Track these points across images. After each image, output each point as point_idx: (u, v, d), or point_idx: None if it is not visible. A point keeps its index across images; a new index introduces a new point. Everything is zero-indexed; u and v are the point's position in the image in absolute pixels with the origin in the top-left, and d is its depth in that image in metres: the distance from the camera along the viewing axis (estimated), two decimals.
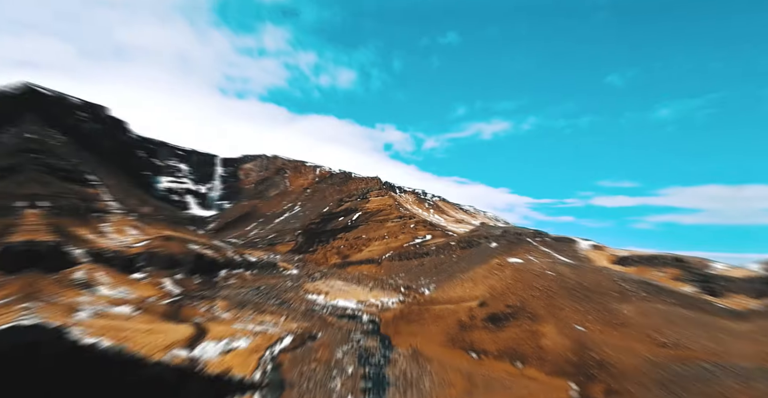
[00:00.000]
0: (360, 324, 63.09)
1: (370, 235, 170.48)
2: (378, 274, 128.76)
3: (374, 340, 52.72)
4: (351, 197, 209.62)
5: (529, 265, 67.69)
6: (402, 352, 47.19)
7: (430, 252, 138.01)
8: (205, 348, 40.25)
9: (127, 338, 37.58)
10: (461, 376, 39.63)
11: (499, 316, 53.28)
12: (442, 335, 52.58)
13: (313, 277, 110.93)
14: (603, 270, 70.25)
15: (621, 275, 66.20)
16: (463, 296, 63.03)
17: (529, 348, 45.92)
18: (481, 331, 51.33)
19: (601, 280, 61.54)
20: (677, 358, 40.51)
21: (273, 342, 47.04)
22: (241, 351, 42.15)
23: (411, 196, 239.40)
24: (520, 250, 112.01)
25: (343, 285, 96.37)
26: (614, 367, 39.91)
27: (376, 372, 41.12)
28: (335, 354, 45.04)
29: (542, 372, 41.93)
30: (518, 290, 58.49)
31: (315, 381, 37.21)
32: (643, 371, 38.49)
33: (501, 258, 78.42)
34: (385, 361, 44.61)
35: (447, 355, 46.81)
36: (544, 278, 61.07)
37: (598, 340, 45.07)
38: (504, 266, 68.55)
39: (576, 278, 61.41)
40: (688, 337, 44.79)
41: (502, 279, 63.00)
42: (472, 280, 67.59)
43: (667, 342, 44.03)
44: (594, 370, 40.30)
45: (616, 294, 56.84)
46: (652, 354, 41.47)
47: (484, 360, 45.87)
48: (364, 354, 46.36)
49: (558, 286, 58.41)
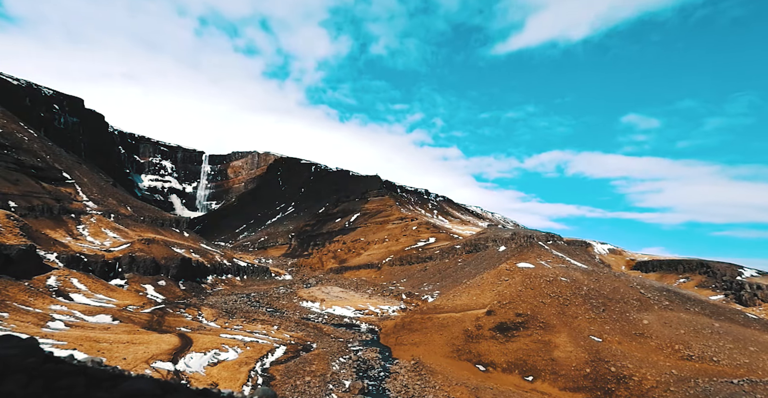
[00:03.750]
0: (358, 334, 63.05)
1: (369, 238, 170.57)
2: (378, 280, 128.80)
3: (374, 351, 52.65)
4: (349, 197, 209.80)
5: (540, 270, 67.67)
6: (403, 364, 47.10)
7: (434, 256, 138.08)
8: (190, 361, 40.14)
9: (105, 350, 37.46)
10: (467, 391, 39.53)
11: (509, 325, 53.22)
12: (447, 345, 52.50)
13: (307, 283, 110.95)
14: (621, 276, 70.17)
15: (641, 282, 66.11)
16: (469, 303, 62.98)
17: (541, 361, 45.81)
18: (488, 342, 51.24)
19: (619, 287, 61.46)
20: (703, 372, 40.39)
21: (264, 354, 46.94)
22: (230, 364, 42.04)
23: (413, 196, 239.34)
24: (531, 254, 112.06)
25: (340, 292, 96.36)
26: (634, 382, 39.79)
27: (375, 386, 41.03)
28: (331, 367, 44.95)
29: (555, 387, 41.81)
30: (529, 298, 58.42)
31: (309, 396, 37.11)
32: (667, 386, 38.37)
33: (510, 263, 78.40)
34: (386, 374, 44.53)
35: (452, 367, 46.71)
36: (556, 285, 61.01)
37: (616, 352, 44.96)
38: (513, 272, 68.54)
39: (592, 285, 61.36)
40: (715, 350, 44.67)
41: (511, 286, 62.96)
42: (479, 286, 67.56)
43: (692, 355, 43.91)
44: (612, 385, 40.18)
45: (636, 302, 56.74)
46: (676, 368, 41.35)
47: (492, 373, 45.76)
48: (362, 366, 46.28)
49: (572, 293, 58.35)
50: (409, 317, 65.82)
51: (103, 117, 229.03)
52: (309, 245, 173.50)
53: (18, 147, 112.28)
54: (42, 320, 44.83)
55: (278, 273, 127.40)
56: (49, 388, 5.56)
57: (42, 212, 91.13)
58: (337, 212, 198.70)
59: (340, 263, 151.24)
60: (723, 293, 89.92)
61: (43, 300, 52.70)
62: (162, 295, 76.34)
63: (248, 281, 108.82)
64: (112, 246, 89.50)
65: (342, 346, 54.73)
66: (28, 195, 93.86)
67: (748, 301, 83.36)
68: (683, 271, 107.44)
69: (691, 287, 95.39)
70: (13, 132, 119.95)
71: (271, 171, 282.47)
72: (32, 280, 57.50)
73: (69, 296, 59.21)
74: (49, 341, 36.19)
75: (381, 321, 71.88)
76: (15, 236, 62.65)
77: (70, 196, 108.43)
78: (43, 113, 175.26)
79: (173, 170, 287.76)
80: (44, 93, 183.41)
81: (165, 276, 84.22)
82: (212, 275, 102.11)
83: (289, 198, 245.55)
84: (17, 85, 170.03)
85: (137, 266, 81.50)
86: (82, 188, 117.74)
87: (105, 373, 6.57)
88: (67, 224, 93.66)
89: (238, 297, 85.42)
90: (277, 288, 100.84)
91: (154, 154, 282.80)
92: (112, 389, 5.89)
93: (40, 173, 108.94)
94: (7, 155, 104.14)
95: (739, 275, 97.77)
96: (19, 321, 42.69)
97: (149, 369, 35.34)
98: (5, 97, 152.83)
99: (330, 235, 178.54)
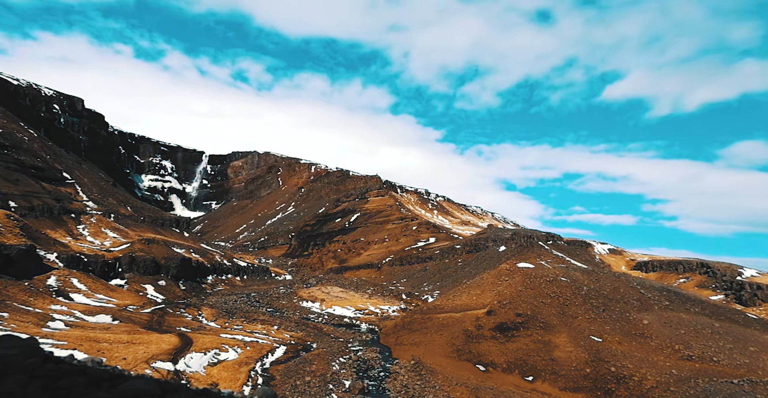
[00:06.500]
0: (358, 334, 63.07)
1: (369, 238, 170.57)
2: (378, 280, 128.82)
3: (374, 351, 52.66)
4: (349, 197, 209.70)
5: (540, 270, 67.66)
6: (403, 364, 47.11)
7: (434, 256, 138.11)
8: (190, 361, 40.15)
9: (105, 350, 37.47)
10: (467, 391, 39.54)
11: (509, 326, 53.23)
12: (447, 346, 52.51)
13: (307, 283, 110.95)
14: (621, 276, 70.17)
15: (641, 282, 66.13)
16: (469, 303, 62.99)
17: (541, 361, 45.82)
18: (488, 342, 51.26)
19: (619, 287, 61.47)
20: (704, 372, 40.40)
21: (264, 354, 46.95)
22: (230, 364, 42.06)
23: (413, 196, 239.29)
24: (531, 254, 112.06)
25: (340, 292, 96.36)
26: (634, 382, 39.80)
27: (375, 386, 41.04)
28: (331, 367, 44.95)
29: (555, 387, 41.82)
30: (529, 298, 58.43)
31: (309, 396, 37.11)
32: (667, 386, 38.38)
33: (510, 263, 78.38)
34: (386, 374, 44.53)
35: (452, 367, 46.72)
36: (557, 285, 61.02)
37: (616, 352, 44.97)
38: (513, 272, 68.54)
39: (592, 285, 61.37)
40: (715, 350, 44.67)
41: (511, 286, 62.96)
42: (479, 286, 67.57)
43: (692, 355, 43.92)
44: (612, 385, 40.19)
45: (636, 302, 56.75)
46: (676, 368, 41.36)
47: (492, 373, 45.77)
48: (362, 366, 46.29)
49: (572, 293, 58.36)
50: (409, 317, 65.83)
51: (103, 117, 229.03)
52: (309, 245, 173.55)
53: (18, 147, 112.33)
54: (42, 320, 44.85)
55: (278, 273, 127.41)
56: (49, 388, 5.56)
57: (42, 212, 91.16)
58: (337, 212, 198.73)
59: (340, 263, 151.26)
60: (723, 294, 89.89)
61: (43, 300, 52.72)
62: (162, 295, 76.36)
63: (248, 281, 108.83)
64: (112, 246, 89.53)
65: (342, 346, 54.73)
66: (28, 195, 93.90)
67: (748, 301, 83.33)
68: (683, 271, 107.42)
69: (691, 287, 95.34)
70: (13, 132, 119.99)
71: (271, 171, 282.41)
72: (32, 280, 57.53)
73: (69, 296, 59.23)
74: (49, 341, 36.20)
75: (381, 321, 71.88)
76: (15, 236, 62.67)
77: (70, 196, 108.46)
78: (43, 113, 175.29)
79: (173, 170, 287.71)
80: (44, 93, 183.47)
81: (165, 276, 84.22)
82: (212, 275, 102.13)
83: (289, 198, 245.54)
84: (17, 85, 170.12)
85: (137, 266, 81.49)
86: (82, 188, 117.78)
87: (105, 373, 6.58)
88: (67, 224, 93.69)
89: (238, 297, 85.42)
90: (277, 288, 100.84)
91: (154, 154, 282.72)
92: (112, 389, 5.89)
93: (40, 173, 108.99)
94: (7, 155, 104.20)
95: (739, 275, 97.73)
96: (19, 321, 42.70)
97: (149, 369, 35.34)
98: (5, 97, 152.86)
99: (330, 235, 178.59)
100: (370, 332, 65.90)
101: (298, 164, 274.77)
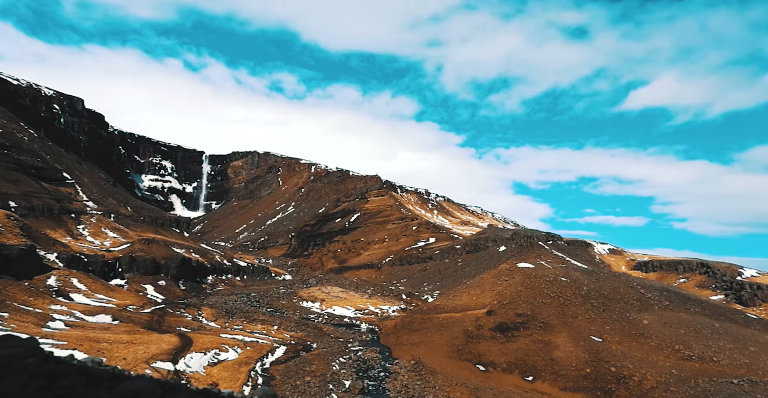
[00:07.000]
0: (358, 334, 63.04)
1: (369, 238, 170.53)
2: (378, 280, 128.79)
3: (374, 351, 52.63)
4: (349, 197, 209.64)
5: (540, 270, 67.62)
6: (403, 364, 47.08)
7: (434, 256, 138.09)
8: (190, 361, 40.15)
9: (105, 350, 37.46)
10: (467, 391, 39.52)
11: (509, 326, 53.22)
12: (447, 346, 52.48)
13: (307, 283, 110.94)
14: (621, 276, 70.16)
15: (641, 282, 66.12)
16: (469, 303, 62.98)
17: (541, 361, 45.80)
18: (488, 342, 51.24)
19: (619, 287, 61.45)
20: (703, 372, 40.39)
21: (264, 354, 46.94)
22: (230, 364, 42.05)
23: (413, 196, 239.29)
24: (531, 254, 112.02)
25: (340, 292, 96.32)
26: (634, 382, 39.79)
27: (375, 386, 41.03)
28: (331, 367, 44.93)
29: (555, 387, 41.81)
30: (529, 298, 58.42)
31: (309, 396, 37.10)
32: (667, 386, 38.37)
33: (510, 263, 78.36)
34: (386, 374, 44.52)
35: (452, 368, 46.70)
36: (557, 285, 61.00)
37: (616, 352, 44.96)
38: (513, 272, 68.52)
39: (592, 285, 61.35)
40: (715, 350, 44.67)
41: (511, 286, 62.95)
42: (479, 287, 67.55)
43: (692, 355, 43.91)
44: (612, 385, 40.18)
45: (636, 302, 56.73)
46: (676, 368, 41.35)
47: (492, 373, 45.75)
48: (362, 366, 46.27)
49: (572, 293, 58.35)
50: (409, 317, 65.83)
51: (103, 117, 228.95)
52: (309, 245, 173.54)
53: (18, 147, 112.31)
54: (42, 320, 44.85)
55: (278, 273, 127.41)
56: (49, 388, 5.55)
57: (42, 212, 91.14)
58: (337, 212, 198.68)
59: (340, 263, 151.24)
60: (723, 294, 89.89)
61: (43, 300, 52.70)
62: (162, 295, 76.35)
63: (248, 281, 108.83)
64: (112, 246, 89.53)
65: (342, 346, 54.70)
66: (28, 195, 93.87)
67: (748, 301, 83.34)
68: (683, 271, 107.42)
69: (691, 287, 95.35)
70: (13, 132, 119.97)
71: (271, 171, 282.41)
72: (32, 280, 57.50)
73: (69, 296, 59.22)
74: (49, 341, 36.20)
75: (381, 321, 71.86)
76: (15, 236, 62.65)
77: (70, 196, 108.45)
78: (43, 113, 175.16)
79: (173, 170, 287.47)
80: (44, 93, 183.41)
81: (165, 276, 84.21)
82: (212, 275, 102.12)
83: (289, 198, 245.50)
84: (17, 85, 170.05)
85: (137, 266, 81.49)
86: (82, 188, 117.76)
87: (105, 373, 6.56)
88: (67, 224, 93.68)
89: (238, 297, 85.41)
90: (277, 288, 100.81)
91: (154, 154, 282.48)
92: (112, 389, 5.88)
93: (40, 173, 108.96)
94: (7, 155, 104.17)
95: (739, 275, 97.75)
96: (19, 320, 42.69)
97: (149, 369, 35.34)
98: (5, 97, 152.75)
99: (330, 235, 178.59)
100: (370, 332, 65.88)
101: (298, 164, 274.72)
